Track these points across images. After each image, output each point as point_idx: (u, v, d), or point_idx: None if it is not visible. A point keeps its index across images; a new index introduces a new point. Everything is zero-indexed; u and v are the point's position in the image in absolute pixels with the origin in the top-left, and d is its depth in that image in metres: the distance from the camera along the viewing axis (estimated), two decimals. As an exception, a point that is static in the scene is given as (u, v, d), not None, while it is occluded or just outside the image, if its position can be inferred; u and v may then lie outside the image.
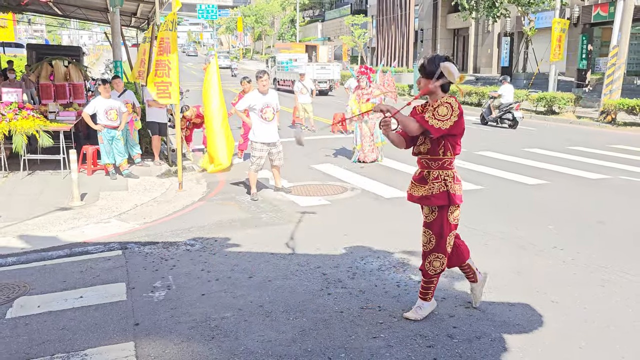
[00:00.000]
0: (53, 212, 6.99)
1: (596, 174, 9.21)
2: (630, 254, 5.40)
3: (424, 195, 3.79)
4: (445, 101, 3.66)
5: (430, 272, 3.90)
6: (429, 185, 3.77)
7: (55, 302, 4.33)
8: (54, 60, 11.91)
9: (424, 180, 3.82)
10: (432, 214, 3.83)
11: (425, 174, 3.82)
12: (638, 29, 25.01)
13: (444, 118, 3.62)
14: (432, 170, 3.78)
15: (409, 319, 3.98)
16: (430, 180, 3.78)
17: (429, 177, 3.79)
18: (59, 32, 72.87)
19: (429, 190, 3.77)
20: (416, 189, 3.87)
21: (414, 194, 3.87)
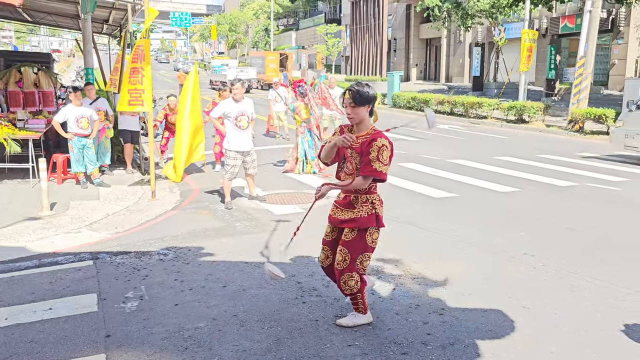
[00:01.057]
0: (21, 222, 6.83)
1: (565, 181, 9.41)
2: (598, 259, 5.52)
3: (352, 218, 3.84)
4: (382, 144, 3.70)
5: (347, 291, 3.92)
6: (358, 208, 3.83)
7: (24, 315, 4.23)
8: (22, 67, 11.67)
9: (351, 204, 3.85)
10: (351, 233, 3.85)
11: (352, 199, 3.86)
12: (604, 40, 25.76)
13: (387, 161, 3.74)
14: (360, 195, 3.84)
15: (341, 325, 3.99)
16: (359, 204, 3.83)
17: (357, 201, 3.84)
18: (28, 39, 71.61)
19: (358, 214, 3.82)
20: (342, 212, 3.90)
21: (339, 217, 3.90)
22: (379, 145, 3.68)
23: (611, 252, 5.76)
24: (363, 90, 3.71)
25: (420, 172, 10.21)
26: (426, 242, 6.11)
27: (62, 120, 8.52)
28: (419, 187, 8.88)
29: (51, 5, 12.49)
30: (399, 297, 4.57)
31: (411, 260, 5.43)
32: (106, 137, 9.76)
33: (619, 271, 5.17)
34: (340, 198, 3.94)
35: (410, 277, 5.00)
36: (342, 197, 3.93)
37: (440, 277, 5.01)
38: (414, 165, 10.97)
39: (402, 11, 42.78)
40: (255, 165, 7.90)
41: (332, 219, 3.97)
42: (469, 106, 20.78)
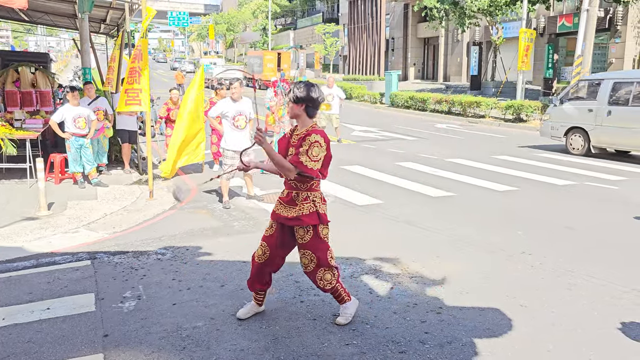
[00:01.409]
0: (19, 222, 6.82)
1: (563, 180, 9.43)
2: (595, 258, 5.53)
3: (296, 217, 3.87)
4: (315, 140, 3.75)
5: (327, 287, 3.97)
6: (299, 206, 3.87)
7: (21, 315, 4.22)
8: (20, 67, 11.65)
9: (292, 201, 3.89)
10: (307, 234, 3.90)
11: (294, 195, 3.89)
12: (601, 39, 25.80)
13: (317, 158, 3.76)
14: (301, 192, 3.88)
15: (340, 325, 4.02)
16: (300, 201, 3.87)
17: (298, 198, 3.88)
18: (26, 39, 71.49)
19: (300, 211, 3.86)
20: (285, 209, 3.92)
21: (283, 214, 3.92)
22: (312, 140, 3.75)
23: (608, 251, 5.78)
24: (298, 89, 3.81)
25: (418, 172, 10.22)
26: (424, 241, 6.12)
27: (60, 120, 8.51)
28: (417, 186, 8.89)
29: (49, 4, 12.46)
30: (397, 295, 4.57)
31: (409, 259, 5.44)
32: (105, 137, 9.75)
33: (616, 269, 5.19)
34: (284, 195, 3.97)
35: (408, 276, 5.01)
36: (285, 193, 3.97)
37: (438, 276, 5.02)
38: (412, 164, 10.98)
39: (399, 10, 42.79)
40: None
41: (274, 215, 4.01)
42: (466, 105, 20.81)
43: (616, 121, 11.48)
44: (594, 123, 11.95)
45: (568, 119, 12.61)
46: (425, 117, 22.05)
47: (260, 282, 4.11)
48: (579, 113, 12.35)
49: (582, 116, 12.25)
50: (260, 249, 4.07)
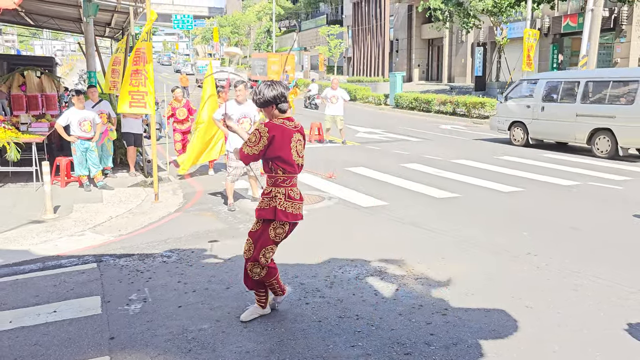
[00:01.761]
0: (25, 225, 6.86)
1: (568, 180, 9.40)
2: (601, 258, 5.51)
3: (257, 208, 4.03)
4: (257, 129, 3.89)
5: (254, 277, 4.05)
6: (262, 200, 4.01)
7: (28, 317, 4.24)
8: (25, 71, 11.73)
9: (263, 194, 4.03)
10: (257, 224, 4.05)
11: (265, 189, 4.02)
12: (606, 39, 25.70)
13: (252, 144, 3.86)
14: (267, 186, 4.00)
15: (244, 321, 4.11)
16: (264, 195, 4.01)
17: (264, 192, 4.02)
18: (31, 43, 71.83)
19: (260, 205, 4.01)
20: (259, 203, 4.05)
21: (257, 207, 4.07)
22: (256, 127, 3.96)
23: (614, 251, 5.75)
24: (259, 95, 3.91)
25: (423, 173, 10.21)
26: (429, 242, 6.11)
27: (65, 123, 8.55)
28: (421, 187, 8.88)
29: (54, 9, 12.55)
30: (402, 297, 4.57)
31: (414, 261, 5.43)
32: (109, 140, 9.79)
33: (622, 270, 5.17)
34: None
35: (414, 278, 5.00)
36: None
37: (443, 277, 5.01)
38: (417, 165, 10.97)
39: (403, 12, 42.77)
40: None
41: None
42: (471, 106, 20.78)
43: (548, 116, 13.22)
44: (531, 118, 13.65)
45: (511, 114, 14.33)
46: (430, 118, 22.02)
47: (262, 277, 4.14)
48: (519, 109, 14.06)
49: (521, 112, 13.97)
50: (245, 244, 4.12)
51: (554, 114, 13.06)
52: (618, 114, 11.67)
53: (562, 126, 12.91)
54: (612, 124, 11.77)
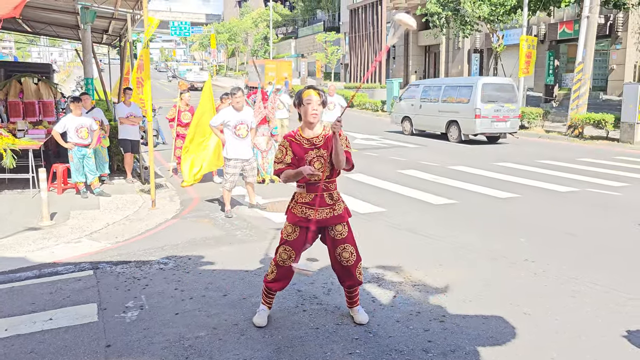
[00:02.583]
0: (22, 232, 6.83)
1: (565, 187, 9.41)
2: (599, 264, 5.52)
3: (337, 215, 4.08)
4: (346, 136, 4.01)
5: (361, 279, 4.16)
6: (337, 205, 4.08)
7: (24, 325, 4.22)
8: (23, 78, 11.72)
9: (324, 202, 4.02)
10: (344, 229, 4.09)
11: (326, 197, 4.02)
12: (602, 46, 25.83)
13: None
14: (333, 192, 4.07)
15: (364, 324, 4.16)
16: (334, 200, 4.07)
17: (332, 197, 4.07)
18: (29, 49, 71.78)
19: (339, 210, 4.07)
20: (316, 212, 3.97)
21: (317, 217, 3.98)
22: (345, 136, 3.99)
23: (612, 257, 5.76)
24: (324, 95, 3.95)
25: (420, 179, 10.21)
26: (427, 248, 6.11)
27: (62, 130, 8.54)
28: (419, 193, 8.88)
29: (51, 16, 12.56)
30: (400, 304, 4.56)
31: (412, 267, 5.43)
32: (102, 147, 9.76)
33: (620, 276, 5.17)
34: (309, 199, 4.06)
35: (411, 284, 4.99)
36: (311, 197, 4.05)
37: (441, 284, 5.00)
38: (414, 172, 10.98)
39: (400, 19, 42.86)
40: (254, 173, 7.92)
41: (303, 221, 4.09)
42: (468, 112, 20.80)
43: (424, 112, 17.49)
44: (414, 113, 17.89)
45: (402, 111, 18.49)
46: (427, 125, 22.04)
47: (286, 282, 4.18)
48: (407, 107, 18.27)
49: (409, 109, 18.21)
50: (285, 253, 4.06)
51: (427, 110, 17.30)
52: (461, 110, 15.92)
53: (431, 119, 17.12)
54: (458, 117, 16.01)
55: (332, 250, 4.07)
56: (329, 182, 3.98)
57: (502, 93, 15.98)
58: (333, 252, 4.06)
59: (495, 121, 15.69)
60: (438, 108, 16.72)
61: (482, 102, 15.42)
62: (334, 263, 4.12)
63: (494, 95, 15.77)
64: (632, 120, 15.22)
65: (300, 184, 4.01)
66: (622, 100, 15.77)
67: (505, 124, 15.88)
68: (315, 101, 3.87)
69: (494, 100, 15.67)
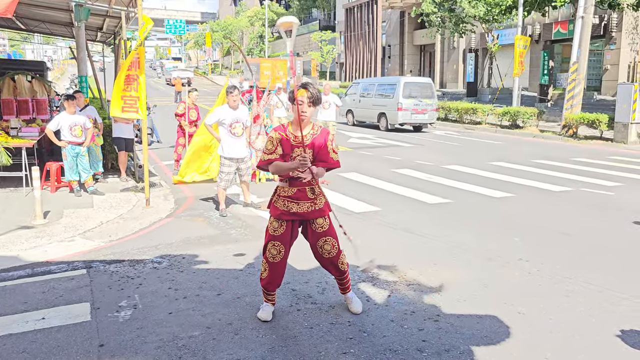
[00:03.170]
0: (14, 230, 6.79)
1: (559, 186, 9.44)
2: (593, 264, 5.53)
3: (318, 209, 4.18)
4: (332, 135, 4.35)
5: (346, 269, 4.30)
6: (318, 199, 4.16)
7: (16, 325, 4.19)
8: (16, 75, 11.64)
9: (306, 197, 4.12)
10: (325, 222, 4.21)
11: (308, 191, 4.12)
12: (596, 46, 25.92)
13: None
14: (315, 187, 4.13)
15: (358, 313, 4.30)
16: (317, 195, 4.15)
17: (314, 192, 4.15)
18: (23, 47, 71.41)
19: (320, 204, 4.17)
20: (299, 206, 4.10)
21: (300, 210, 4.11)
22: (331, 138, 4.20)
23: (605, 257, 5.77)
24: (315, 91, 3.98)
25: (415, 178, 10.22)
26: (421, 248, 6.11)
27: (56, 128, 8.48)
28: (413, 193, 8.89)
29: (45, 13, 12.48)
30: (394, 303, 4.55)
31: (406, 267, 5.42)
32: (96, 145, 9.71)
33: (614, 276, 5.18)
34: (292, 193, 4.14)
35: (406, 284, 4.99)
36: (293, 191, 4.13)
37: (435, 283, 5.00)
38: (409, 171, 10.98)
39: (396, 18, 42.95)
40: (249, 172, 7.90)
41: (286, 214, 4.18)
42: (463, 112, 20.87)
43: (362, 105, 20.82)
44: (355, 107, 21.17)
45: (347, 105, 21.18)
46: (422, 124, 22.07)
47: (280, 278, 4.22)
48: (350, 101, 21.46)
49: (351, 103, 21.41)
50: (274, 249, 4.12)
51: (364, 104, 20.63)
52: (388, 104, 19.22)
53: (367, 112, 20.47)
54: (385, 110, 19.34)
55: (314, 244, 4.18)
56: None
57: (421, 90, 19.21)
58: (315, 245, 4.18)
59: (415, 113, 18.89)
60: (372, 102, 20.18)
61: (403, 97, 18.72)
62: (316, 256, 4.24)
63: (414, 92, 18.99)
64: (625, 120, 15.28)
65: (284, 178, 4.10)
66: (616, 100, 15.83)
67: (424, 116, 19.03)
68: (305, 102, 3.93)
69: (414, 96, 18.90)
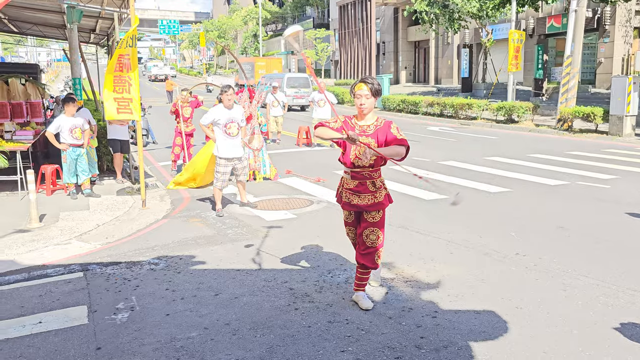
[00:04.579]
0: (10, 234, 6.76)
1: (555, 180, 9.45)
2: (589, 257, 5.54)
3: (377, 202, 4.28)
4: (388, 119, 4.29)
5: (379, 263, 4.50)
6: (378, 192, 4.28)
7: (13, 329, 4.17)
8: (10, 78, 11.57)
9: (367, 189, 4.26)
10: (378, 214, 4.31)
11: (369, 184, 4.26)
12: (590, 39, 25.96)
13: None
14: (376, 180, 4.28)
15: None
16: (377, 188, 4.28)
17: (375, 185, 4.28)
18: (16, 50, 71.04)
19: (379, 197, 4.29)
20: (360, 198, 4.27)
21: (361, 203, 4.27)
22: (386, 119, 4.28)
23: (602, 250, 5.79)
24: (378, 84, 4.17)
25: (411, 175, 10.20)
26: (418, 244, 6.11)
27: (56, 131, 8.45)
28: (410, 189, 8.88)
29: (37, 15, 12.43)
30: (392, 300, 4.55)
31: (403, 263, 5.42)
32: (90, 147, 9.67)
33: (611, 269, 5.19)
34: (354, 185, 4.32)
35: (403, 280, 4.99)
36: (355, 184, 4.31)
37: (432, 279, 5.01)
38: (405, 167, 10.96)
39: (390, 15, 42.92)
40: (246, 172, 7.89)
41: (349, 206, 4.37)
42: (458, 107, 20.87)
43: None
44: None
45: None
46: (418, 120, 22.08)
47: None
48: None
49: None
50: (351, 233, 4.52)
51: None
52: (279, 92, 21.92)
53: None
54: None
55: (361, 232, 4.32)
56: (372, 170, 4.22)
57: (299, 82, 28.34)
58: (362, 233, 4.32)
59: (295, 98, 27.13)
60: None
61: (287, 87, 26.77)
62: (359, 243, 4.35)
63: (294, 83, 27.96)
64: (620, 113, 15.30)
65: (347, 169, 4.29)
66: (611, 94, 15.85)
67: (302, 100, 27.15)
68: (364, 95, 4.11)
69: (294, 86, 27.70)
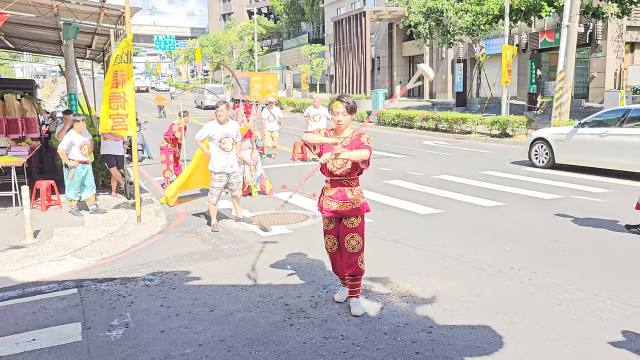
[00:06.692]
0: (4, 251, 6.74)
1: (549, 194, 9.49)
2: (583, 271, 5.56)
3: (355, 208, 4.52)
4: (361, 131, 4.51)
5: (363, 268, 4.75)
6: (356, 199, 4.54)
7: (6, 347, 4.15)
8: (5, 94, 11.60)
9: (345, 196, 4.51)
10: (357, 220, 4.58)
11: (346, 192, 4.51)
12: (582, 54, 26.23)
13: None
14: (353, 188, 4.55)
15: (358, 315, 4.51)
16: (355, 195, 4.53)
17: (352, 193, 4.53)
18: (12, 65, 71.11)
19: (357, 203, 4.54)
20: (340, 205, 4.51)
21: (340, 209, 4.50)
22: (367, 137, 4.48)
23: (596, 264, 5.80)
24: (350, 101, 4.43)
25: (406, 189, 10.25)
26: (413, 259, 6.11)
27: (68, 148, 8.45)
28: (405, 204, 8.91)
29: (33, 32, 12.50)
30: (387, 316, 4.55)
31: (399, 278, 5.43)
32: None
33: (606, 282, 5.20)
34: (332, 193, 4.55)
35: (398, 296, 4.99)
36: (334, 192, 4.55)
37: (428, 294, 5.01)
38: (400, 182, 11.01)
39: (384, 30, 43.28)
40: (240, 187, 7.89)
41: (331, 212, 4.57)
42: (453, 122, 20.97)
43: None
44: None
45: None
46: (413, 135, 22.17)
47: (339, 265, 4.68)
48: None
49: None
50: (330, 241, 4.69)
51: None
52: None
53: None
54: None
55: (342, 238, 4.57)
56: (350, 179, 4.49)
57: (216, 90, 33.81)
58: (342, 239, 4.56)
59: None
60: None
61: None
62: (343, 255, 4.58)
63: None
64: (613, 127, 15.40)
65: (327, 178, 4.54)
66: (604, 107, 15.99)
67: None
68: (340, 112, 4.41)
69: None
